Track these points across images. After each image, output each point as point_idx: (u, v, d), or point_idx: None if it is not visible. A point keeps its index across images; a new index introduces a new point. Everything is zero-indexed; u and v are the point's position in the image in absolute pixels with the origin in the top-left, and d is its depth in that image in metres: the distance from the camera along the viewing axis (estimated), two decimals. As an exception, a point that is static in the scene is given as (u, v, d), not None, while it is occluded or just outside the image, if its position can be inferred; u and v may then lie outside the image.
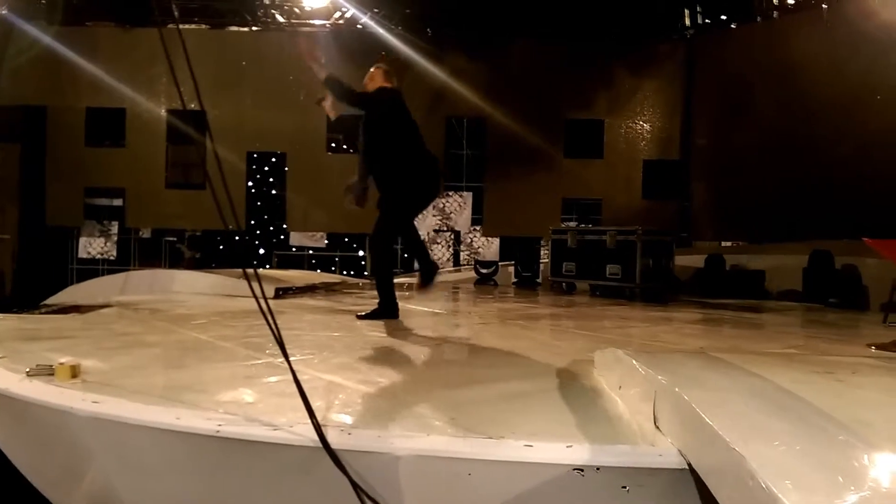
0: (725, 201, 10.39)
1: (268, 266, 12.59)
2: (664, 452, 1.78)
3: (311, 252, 13.73)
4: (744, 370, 2.16)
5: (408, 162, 4.70)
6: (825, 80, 8.74)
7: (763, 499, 1.25)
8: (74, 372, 2.47)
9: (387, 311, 4.63)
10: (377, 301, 4.68)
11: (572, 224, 11.12)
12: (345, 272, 13.14)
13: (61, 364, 2.48)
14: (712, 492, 1.52)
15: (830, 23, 8.96)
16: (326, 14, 11.37)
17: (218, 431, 1.92)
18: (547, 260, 9.05)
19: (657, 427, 1.95)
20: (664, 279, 7.76)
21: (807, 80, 8.98)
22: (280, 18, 11.43)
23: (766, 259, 8.64)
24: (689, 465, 1.70)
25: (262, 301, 2.07)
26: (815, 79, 8.87)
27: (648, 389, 2.04)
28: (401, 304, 4.71)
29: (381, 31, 11.20)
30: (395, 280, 4.89)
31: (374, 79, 5.09)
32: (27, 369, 2.51)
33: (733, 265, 8.72)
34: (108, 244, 13.42)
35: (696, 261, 9.00)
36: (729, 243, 10.84)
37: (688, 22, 11.19)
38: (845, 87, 8.49)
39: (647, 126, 11.38)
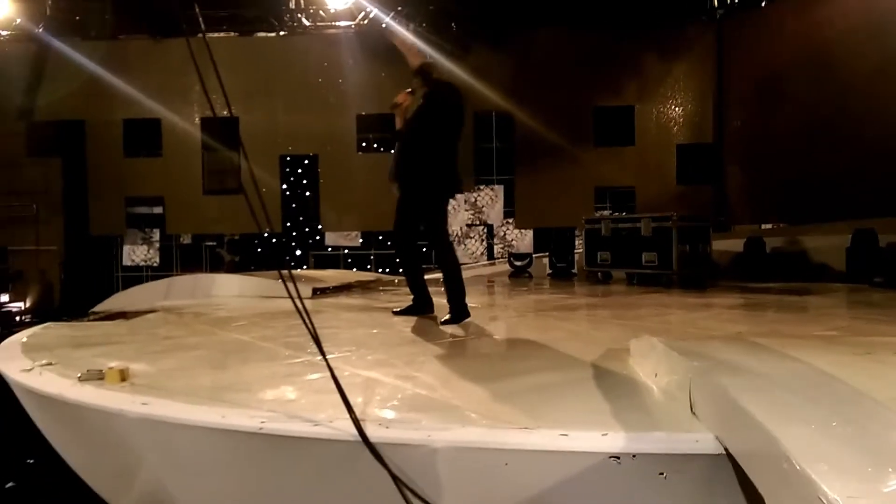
0: (762, 183, 10.19)
1: (305, 266, 12.79)
2: (701, 438, 1.78)
3: (346, 251, 13.89)
4: (780, 354, 2.14)
5: (441, 160, 4.50)
6: (858, 54, 8.49)
7: (799, 482, 1.25)
8: (123, 376, 2.57)
9: (420, 306, 4.64)
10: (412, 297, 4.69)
11: (606, 213, 11.02)
12: (380, 270, 13.26)
13: (111, 368, 2.58)
14: (749, 476, 1.51)
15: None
16: (350, 16, 11.47)
17: (261, 428, 1.97)
18: (581, 250, 8.99)
19: (693, 413, 1.94)
20: (702, 265, 7.65)
21: (840, 55, 8.74)
22: (306, 22, 11.57)
23: (807, 240, 8.45)
24: (726, 450, 1.70)
25: (297, 301, 2.12)
26: (849, 54, 8.62)
27: (684, 376, 2.04)
28: (436, 300, 4.71)
29: (404, 30, 11.23)
30: (428, 276, 4.89)
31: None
32: (78, 374, 2.61)
33: (774, 248, 8.55)
34: (150, 251, 13.77)
35: (735, 245, 8.84)
36: (769, 226, 10.63)
37: (716, 3, 10.98)
38: (880, 61, 8.25)
39: (678, 110, 11.22)
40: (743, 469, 1.57)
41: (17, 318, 10.59)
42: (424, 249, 5.54)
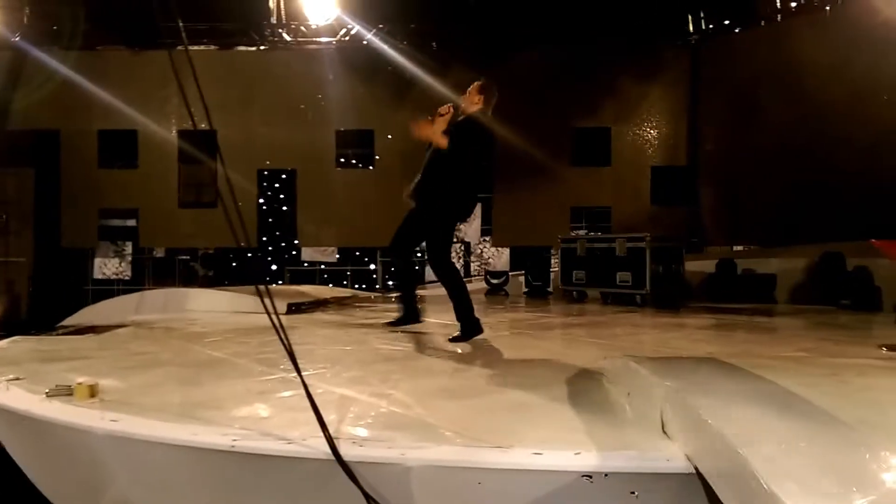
0: (735, 205, 10.37)
1: (280, 282, 12.68)
2: (672, 457, 1.80)
3: (322, 267, 13.81)
4: (750, 374, 2.18)
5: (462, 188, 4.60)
6: (831, 81, 8.73)
7: (767, 501, 1.27)
8: (93, 391, 2.52)
9: (408, 317, 4.79)
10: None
11: (581, 232, 11.13)
12: (356, 286, 13.19)
13: (79, 384, 2.53)
14: (718, 495, 1.54)
15: (834, 24, 8.97)
16: (332, 32, 11.51)
17: (233, 446, 1.96)
18: (557, 269, 9.05)
19: (665, 433, 1.97)
20: (675, 285, 7.76)
21: (812, 82, 8.97)
22: (287, 37, 11.58)
23: (777, 262, 8.61)
24: (697, 469, 1.72)
25: (273, 317, 2.11)
26: (821, 81, 8.86)
27: (656, 396, 2.07)
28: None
29: (386, 47, 11.31)
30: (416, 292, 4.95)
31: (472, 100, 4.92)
32: (46, 390, 2.56)
33: (745, 269, 8.69)
34: (122, 264, 13.55)
35: (707, 266, 8.98)
36: (740, 247, 10.80)
37: (691, 28, 11.22)
38: (851, 88, 8.49)
39: (654, 132, 11.40)
40: (712, 488, 1.59)
41: (-17, 331, 10.33)
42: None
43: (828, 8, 9.10)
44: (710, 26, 11.02)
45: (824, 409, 1.73)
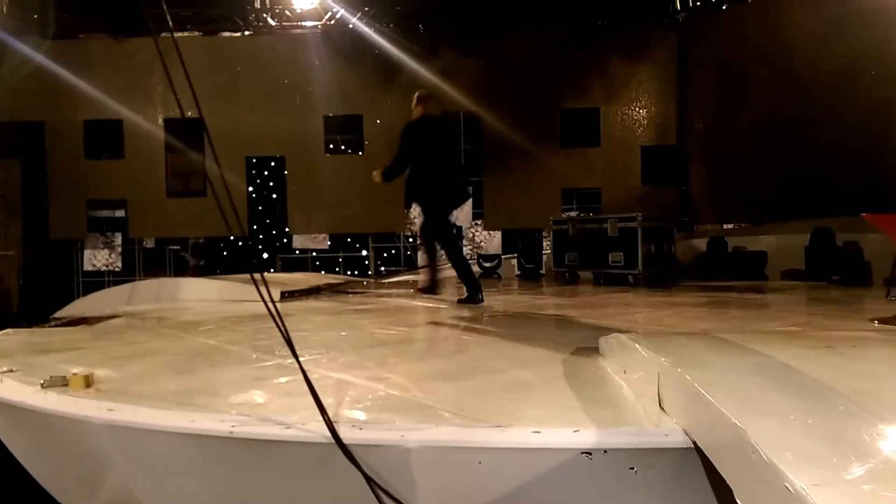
0: (725, 184, 10.41)
1: (272, 270, 12.65)
2: (669, 432, 1.81)
3: (314, 254, 13.79)
4: (745, 348, 2.20)
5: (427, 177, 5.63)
6: (819, 57, 8.74)
7: (766, 472, 1.28)
8: (88, 381, 2.51)
9: (474, 291, 5.59)
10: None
11: (573, 214, 11.15)
12: (349, 272, 13.19)
13: (75, 374, 2.52)
14: (717, 468, 1.55)
15: (821, -1, 8.96)
16: (317, 15, 11.40)
17: (232, 432, 1.95)
18: (549, 251, 9.08)
19: (662, 408, 1.98)
20: (667, 264, 7.80)
21: (800, 58, 8.98)
22: (271, 22, 11.46)
23: (768, 239, 8.67)
24: (695, 443, 1.74)
25: (270, 304, 2.10)
26: (809, 56, 8.87)
27: (652, 372, 2.08)
28: (405, 301, 4.79)
29: (371, 31, 11.22)
30: (403, 277, 5.20)
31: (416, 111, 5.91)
32: (41, 381, 2.54)
33: (735, 247, 8.75)
34: (112, 255, 13.48)
35: (698, 245, 9.04)
36: (730, 226, 10.86)
37: (679, 5, 11.18)
38: (839, 64, 8.50)
39: (643, 112, 11.39)
40: (711, 461, 1.60)
41: (-27, 326, 10.25)
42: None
43: (815, -17, 9.10)
44: (698, 3, 10.99)
45: (820, 381, 1.75)
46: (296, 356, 2.08)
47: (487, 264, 10.79)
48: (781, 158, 9.17)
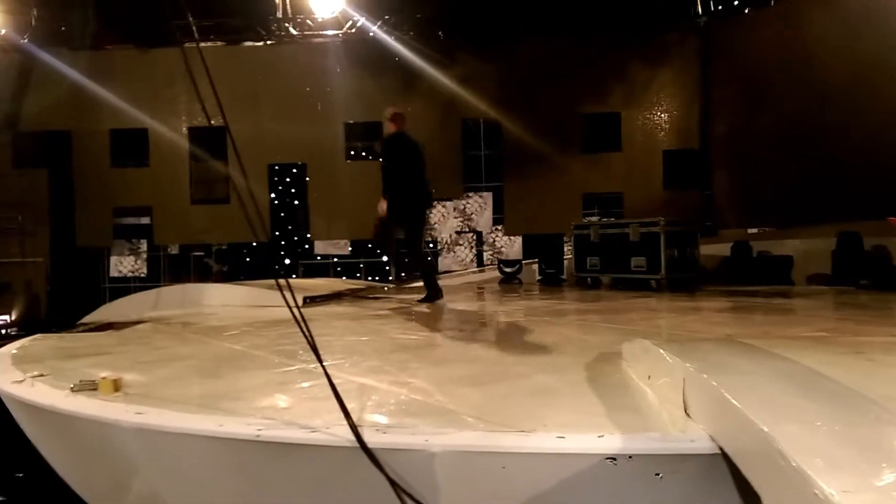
0: (748, 188, 10.29)
1: (294, 276, 12.74)
2: (696, 438, 1.80)
3: (335, 259, 13.86)
4: (771, 354, 2.17)
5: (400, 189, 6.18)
6: (842, 59, 8.63)
7: (795, 478, 1.27)
8: (117, 386, 2.55)
9: (433, 294, 6.19)
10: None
11: (594, 219, 11.09)
12: (370, 278, 13.23)
13: (103, 379, 2.56)
14: (745, 474, 1.53)
15: (844, 1, 8.84)
16: (338, 24, 11.50)
17: (258, 436, 1.97)
18: (570, 256, 9.03)
19: (687, 414, 1.96)
20: (690, 269, 7.71)
21: (823, 60, 8.87)
22: (293, 31, 11.59)
23: (793, 243, 8.54)
24: (721, 449, 1.72)
25: (294, 309, 2.13)
26: (832, 59, 8.76)
27: (677, 377, 2.06)
28: (426, 307, 4.85)
29: (391, 39, 11.28)
30: (419, 284, 5.41)
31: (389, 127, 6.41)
32: (71, 385, 2.59)
33: (760, 251, 8.63)
34: (137, 262, 13.68)
35: (722, 249, 8.92)
36: (755, 230, 10.73)
37: (700, 9, 11.10)
38: (862, 66, 8.39)
39: (664, 116, 11.32)
40: (738, 468, 1.58)
41: (3, 332, 10.46)
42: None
43: (838, -15, 8.99)
44: (719, 7, 10.90)
45: (849, 387, 1.72)
46: (320, 361, 2.10)
47: (508, 269, 10.77)
48: (806, 161, 9.05)
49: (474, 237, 13.78)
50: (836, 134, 8.65)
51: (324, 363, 2.12)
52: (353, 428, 1.88)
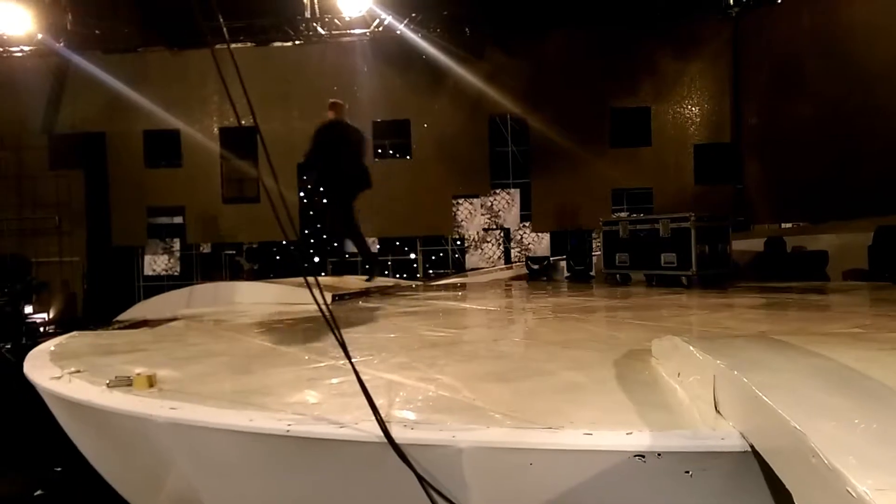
0: (782, 182, 10.10)
1: (323, 273, 12.85)
2: (726, 436, 1.77)
3: (363, 257, 13.92)
4: (805, 350, 2.13)
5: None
6: (877, 47, 8.41)
7: (827, 476, 1.25)
8: (151, 381, 2.60)
9: (374, 265, 7.76)
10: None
11: (623, 214, 10.98)
12: (398, 275, 13.28)
13: (138, 375, 2.62)
14: (777, 472, 1.51)
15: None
16: (365, 23, 11.56)
17: (288, 431, 2.00)
18: (599, 252, 8.96)
19: (718, 412, 1.94)
20: (722, 265, 7.60)
21: (858, 48, 8.66)
22: (321, 30, 11.68)
23: (829, 238, 8.36)
24: (752, 447, 1.69)
25: (323, 307, 2.15)
26: (867, 47, 8.54)
27: (707, 375, 2.03)
28: (453, 304, 4.86)
29: (418, 37, 11.30)
30: (446, 281, 5.32)
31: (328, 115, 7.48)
32: (107, 381, 2.65)
33: (795, 247, 8.46)
34: (171, 261, 13.94)
35: (755, 244, 8.77)
36: (789, 224, 10.53)
37: (731, 0, 10.92)
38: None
39: (695, 110, 11.16)
40: (769, 465, 1.56)
41: (42, 329, 10.75)
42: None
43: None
44: (751, -3, 10.72)
45: (884, 384, 1.68)
46: (349, 357, 2.12)
47: (536, 266, 10.72)
48: (841, 154, 8.85)
49: (502, 234, 13.76)
50: (873, 125, 8.44)
51: (352, 359, 2.14)
52: (381, 424, 1.90)
